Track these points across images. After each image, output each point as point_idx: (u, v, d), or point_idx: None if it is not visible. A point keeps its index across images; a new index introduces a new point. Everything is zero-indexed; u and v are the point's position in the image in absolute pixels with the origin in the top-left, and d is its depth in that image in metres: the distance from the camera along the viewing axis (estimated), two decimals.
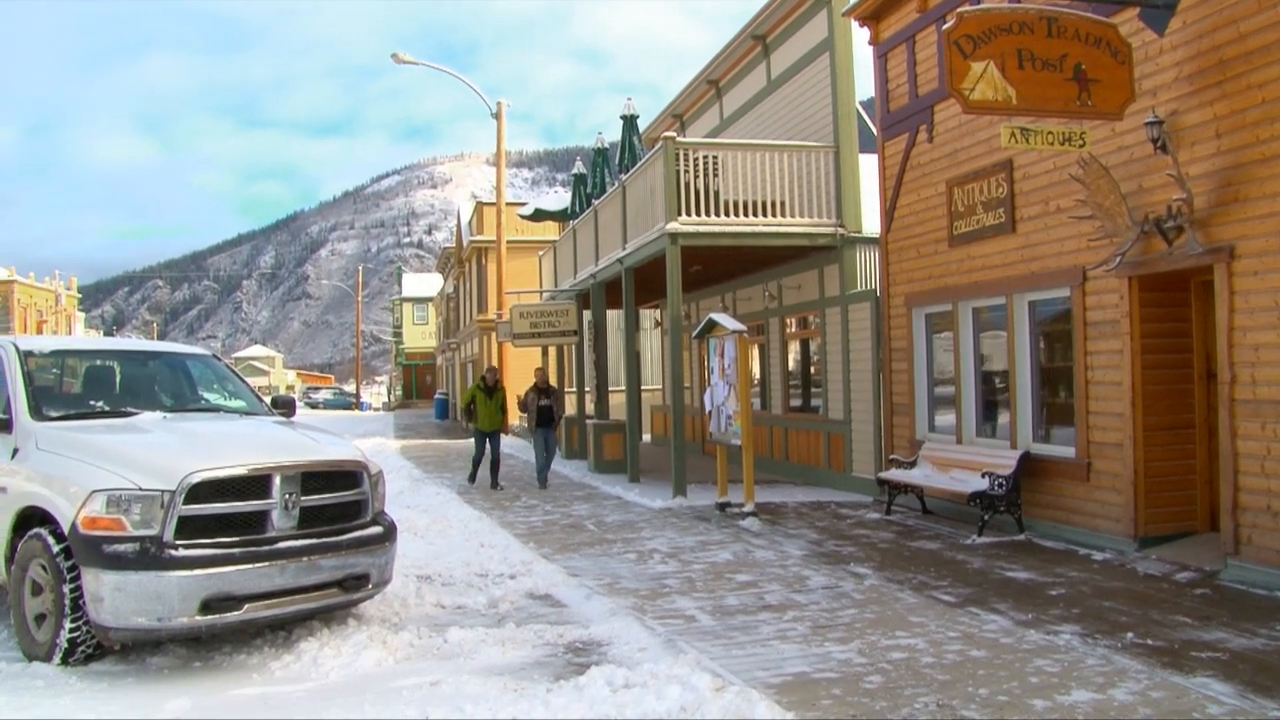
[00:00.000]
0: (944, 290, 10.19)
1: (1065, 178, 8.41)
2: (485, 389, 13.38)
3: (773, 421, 14.66)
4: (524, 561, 7.88)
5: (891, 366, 11.27)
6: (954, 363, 10.13)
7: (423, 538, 9.14)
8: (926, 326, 10.76)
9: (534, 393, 13.68)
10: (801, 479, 13.47)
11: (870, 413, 11.76)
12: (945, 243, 10.18)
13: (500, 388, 13.51)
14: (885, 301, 11.35)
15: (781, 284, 14.19)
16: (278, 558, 5.14)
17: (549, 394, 13.66)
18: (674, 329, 12.05)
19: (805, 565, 7.66)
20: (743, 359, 10.26)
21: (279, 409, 6.96)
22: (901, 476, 10.05)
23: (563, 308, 17.73)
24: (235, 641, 5.55)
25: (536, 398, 13.61)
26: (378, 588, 5.81)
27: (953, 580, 7.03)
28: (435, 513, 10.77)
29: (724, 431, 10.75)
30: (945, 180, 10.12)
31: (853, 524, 9.75)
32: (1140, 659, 5.12)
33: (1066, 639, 5.52)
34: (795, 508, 10.94)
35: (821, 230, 12.21)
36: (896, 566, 7.56)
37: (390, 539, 5.85)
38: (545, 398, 13.58)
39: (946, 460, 9.80)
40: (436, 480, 14.88)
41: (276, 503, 5.21)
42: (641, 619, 6.02)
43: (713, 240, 11.98)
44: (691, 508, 11.06)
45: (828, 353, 12.86)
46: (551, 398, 13.67)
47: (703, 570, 7.55)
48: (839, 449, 12.60)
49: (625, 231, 14.04)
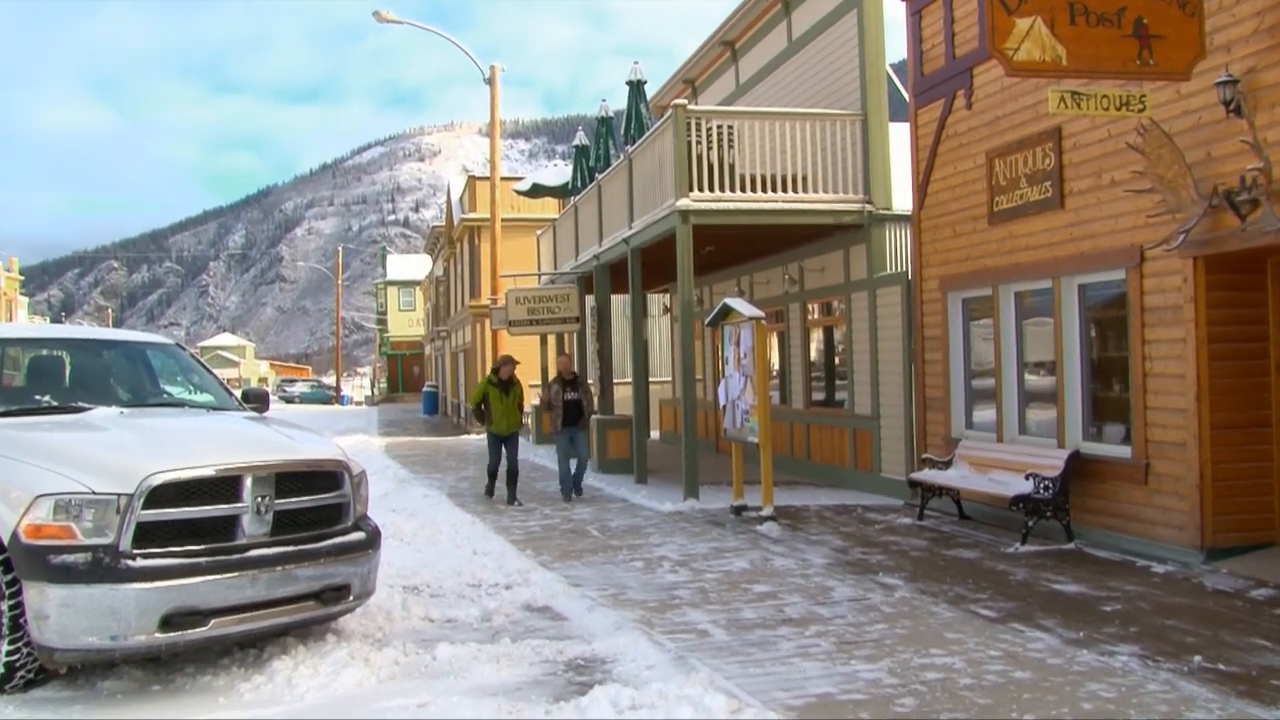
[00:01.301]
0: (983, 273, 10.13)
1: (1121, 146, 8.29)
2: (499, 384, 12.24)
3: (793, 417, 14.66)
4: (521, 570, 7.87)
5: (924, 357, 11.25)
6: (994, 353, 10.08)
7: (410, 544, 9.14)
8: (963, 313, 10.73)
9: (558, 385, 12.54)
10: (825, 480, 13.46)
11: (901, 408, 11.74)
12: (985, 220, 10.12)
13: (516, 382, 12.36)
14: (918, 285, 11.33)
15: (803, 266, 14.14)
16: (248, 567, 5.10)
17: (576, 386, 12.54)
18: (685, 315, 12.01)
19: (829, 575, 7.65)
20: (760, 348, 10.25)
21: (250, 403, 6.92)
22: (935, 478, 10.03)
23: (563, 292, 17.72)
24: (200, 661, 5.48)
25: (561, 391, 12.46)
26: (360, 600, 5.79)
27: (993, 593, 6.97)
28: (423, 517, 10.77)
29: (740, 428, 10.76)
30: (985, 151, 10.05)
31: (881, 530, 9.74)
32: (1211, 686, 5.02)
33: (1124, 661, 5.43)
34: (818, 511, 10.95)
35: (847, 207, 12.17)
36: (930, 577, 7.52)
37: (374, 546, 5.83)
38: (571, 391, 12.45)
39: (986, 460, 9.76)
40: (425, 481, 14.90)
41: (247, 507, 5.20)
42: (649, 633, 6.01)
43: (728, 218, 11.97)
44: (704, 511, 11.06)
45: (854, 341, 12.84)
46: (579, 391, 12.53)
47: (716, 580, 7.56)
48: (866, 447, 12.58)
49: (632, 209, 14.02)
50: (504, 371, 12.28)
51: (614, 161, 16.08)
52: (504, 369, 12.26)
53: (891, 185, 12.22)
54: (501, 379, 12.26)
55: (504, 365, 12.28)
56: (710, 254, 14.73)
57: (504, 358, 12.45)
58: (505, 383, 12.25)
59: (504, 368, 12.27)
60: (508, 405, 12.19)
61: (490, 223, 24.30)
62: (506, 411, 12.21)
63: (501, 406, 12.18)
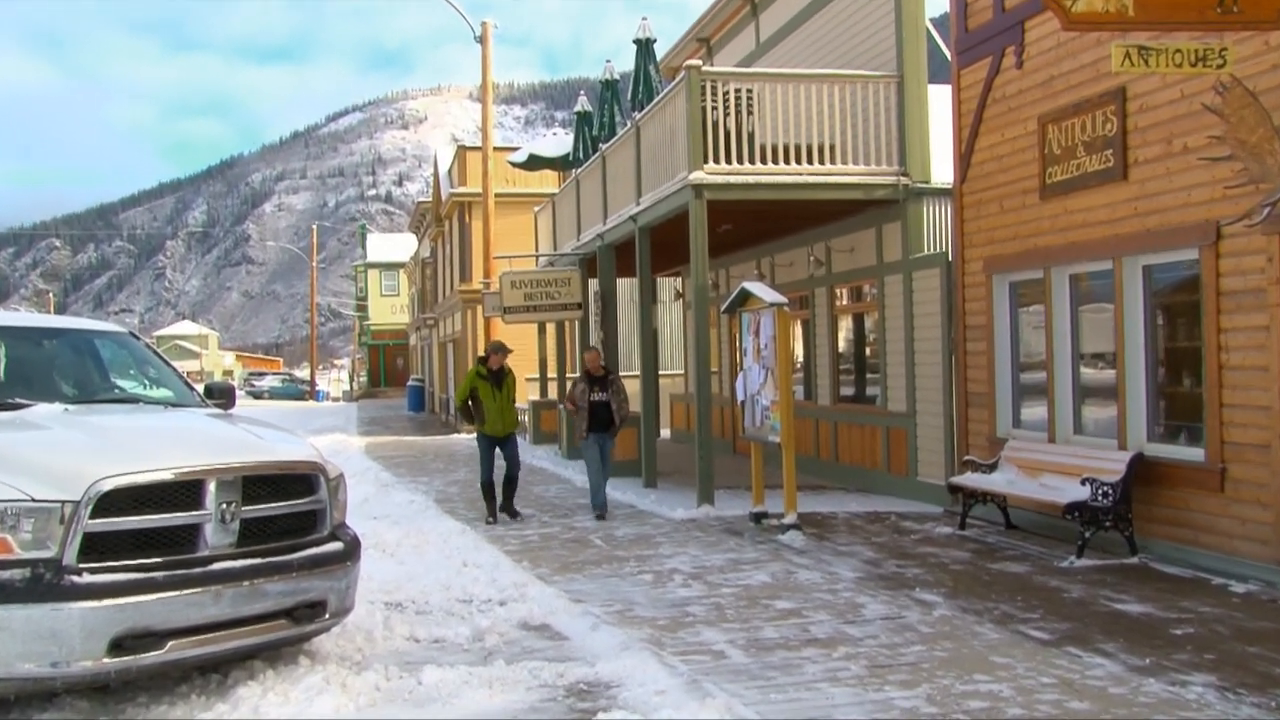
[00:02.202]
0: (1033, 253, 10.08)
1: (1196, 108, 8.16)
2: (489, 376, 11.39)
3: (819, 414, 14.62)
4: (517, 584, 7.89)
5: (966, 347, 11.22)
6: (1045, 342, 10.02)
7: (393, 556, 9.17)
8: (1011, 298, 10.68)
9: (584, 383, 11.68)
10: (854, 484, 13.47)
11: (939, 404, 11.73)
12: (1036, 194, 10.05)
13: (509, 372, 11.54)
14: (959, 267, 11.29)
15: (831, 246, 14.11)
16: (211, 582, 5.08)
17: (606, 385, 11.61)
18: (699, 302, 12.01)
19: (860, 590, 7.64)
20: (782, 338, 10.23)
21: (214, 399, 6.93)
22: (979, 482, 10.02)
23: (563, 275, 17.75)
24: (154, 690, 5.39)
25: (589, 389, 11.58)
26: (336, 617, 5.78)
27: (1045, 612, 6.93)
28: (408, 525, 10.81)
29: (759, 426, 10.75)
30: (1037, 115, 9.98)
31: (918, 540, 9.74)
32: None
33: (1199, 692, 5.35)
34: (847, 519, 10.97)
35: (880, 180, 12.15)
36: (973, 593, 7.49)
37: (352, 558, 5.84)
38: (600, 390, 11.55)
39: (1035, 463, 9.72)
40: (410, 485, 14.96)
41: (210, 514, 5.18)
42: (659, 654, 6.02)
43: (747, 193, 11.95)
44: (720, 519, 11.10)
45: (887, 330, 12.80)
46: (610, 390, 11.59)
47: (734, 595, 7.58)
48: (901, 448, 12.54)
49: (640, 183, 14.00)
50: (494, 361, 11.42)
51: (620, 130, 16.04)
52: (494, 358, 11.43)
53: (930, 155, 12.21)
54: (491, 370, 11.40)
55: (494, 353, 11.46)
56: (727, 233, 14.71)
57: (494, 344, 11.73)
58: (496, 374, 11.39)
59: (494, 356, 11.43)
60: (503, 401, 11.38)
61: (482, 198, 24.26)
62: (502, 408, 11.37)
63: (494, 403, 11.35)
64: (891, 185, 12.14)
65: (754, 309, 10.79)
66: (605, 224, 15.72)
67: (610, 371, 11.88)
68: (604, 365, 11.91)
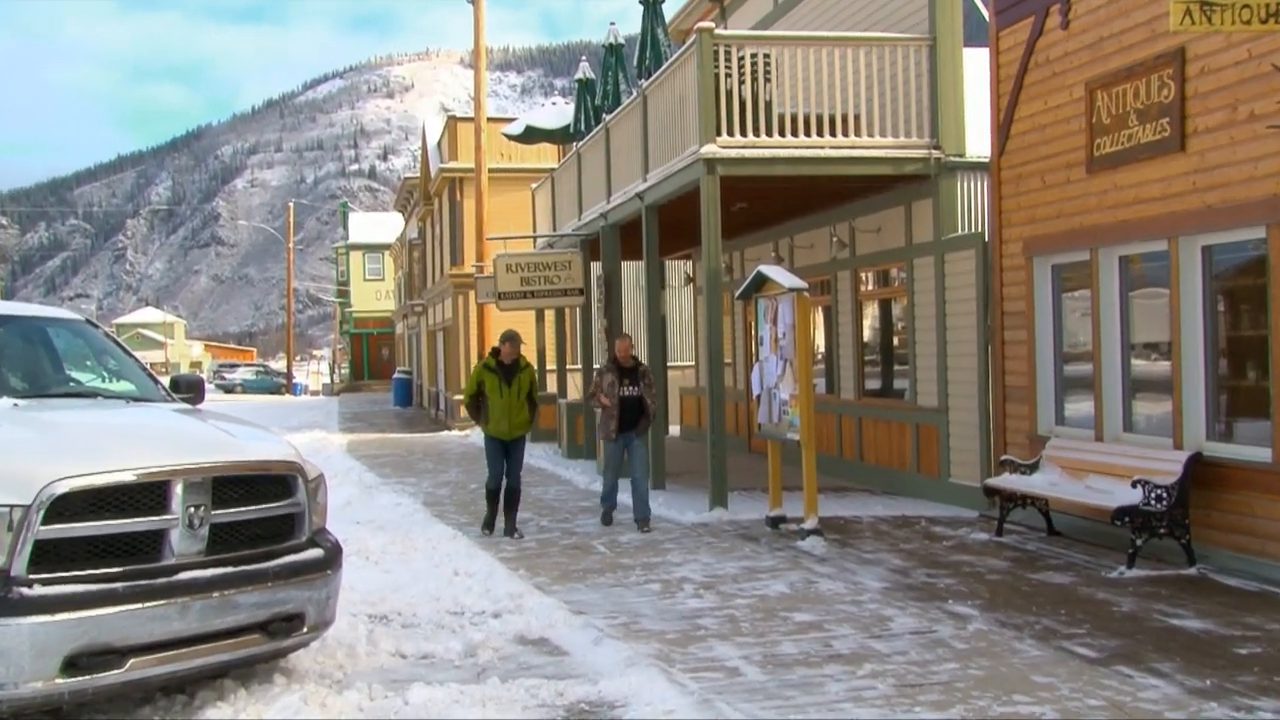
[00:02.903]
0: (1079, 232, 10.04)
1: (1265, 70, 8.08)
2: (499, 369, 10.83)
3: (843, 409, 14.61)
4: (512, 594, 7.90)
5: (1004, 336, 11.20)
6: (1091, 331, 10.00)
7: (377, 564, 9.21)
8: (1054, 282, 10.67)
9: (612, 375, 11.08)
10: (881, 486, 13.49)
11: (974, 399, 11.73)
12: (1082, 167, 10.01)
13: (524, 366, 10.96)
14: (997, 248, 11.28)
15: (855, 226, 14.09)
16: (177, 594, 5.07)
17: (637, 378, 11.05)
18: (711, 287, 12.02)
19: (887, 602, 7.66)
20: (802, 326, 10.24)
21: (181, 393, 6.93)
22: (1018, 484, 10.02)
23: (563, 258, 17.76)
24: (113, 713, 5.36)
25: (617, 383, 11.00)
26: (316, 631, 5.79)
27: (1092, 627, 6.92)
28: (394, 530, 10.88)
29: (777, 423, 10.76)
30: (1084, 81, 9.94)
31: (951, 547, 9.76)
32: None
33: (1266, 719, 5.31)
34: (872, 524, 11.00)
35: (910, 153, 12.14)
36: (1012, 606, 7.48)
37: (333, 566, 5.85)
38: (630, 384, 10.98)
39: (1081, 463, 9.71)
40: (396, 487, 15.00)
41: (177, 519, 5.17)
42: (668, 671, 6.05)
43: (763, 168, 11.95)
44: (734, 523, 11.13)
45: (917, 318, 12.81)
46: (641, 383, 11.05)
47: (749, 606, 7.60)
48: (931, 447, 12.53)
49: (646, 157, 14.00)
50: (506, 352, 10.84)
51: (625, 99, 15.99)
52: (506, 348, 10.85)
53: (965, 126, 12.19)
54: (503, 363, 10.85)
55: (506, 343, 10.87)
56: (742, 212, 14.70)
57: (507, 334, 11.05)
58: (508, 368, 10.82)
59: (506, 346, 10.85)
60: (511, 399, 10.75)
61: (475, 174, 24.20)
62: (510, 407, 10.74)
63: (503, 401, 10.72)
64: (922, 159, 12.11)
65: (771, 294, 10.77)
66: (609, 202, 15.72)
67: (640, 364, 11.31)
68: (634, 356, 11.31)
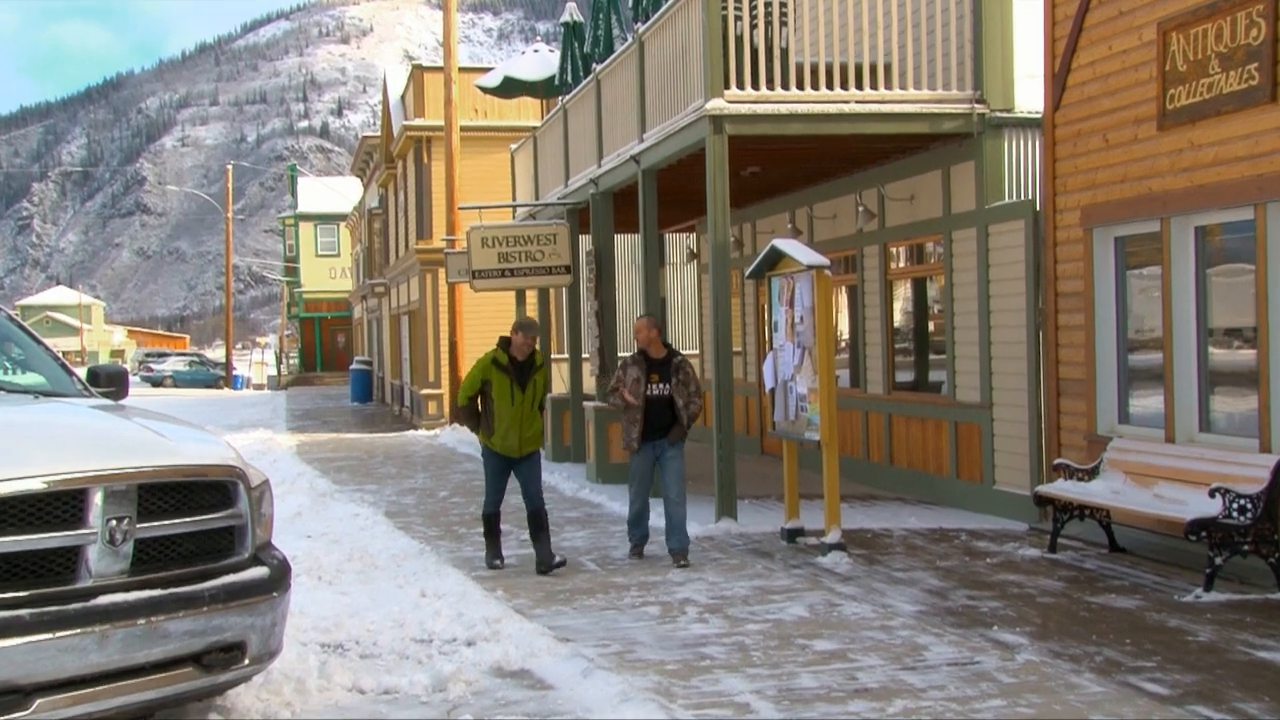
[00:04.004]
0: (1148, 199, 10.00)
1: None
2: (510, 367, 9.81)
3: (869, 405, 14.63)
4: (489, 619, 7.89)
5: (1058, 320, 11.20)
6: (1162, 314, 9.98)
7: (332, 585, 9.24)
8: (1117, 257, 10.65)
9: (638, 368, 10.16)
10: (914, 493, 13.51)
11: (1023, 393, 11.74)
12: (1152, 122, 9.96)
13: (540, 364, 10.03)
14: (1050, 218, 11.28)
15: (885, 193, 14.07)
16: (95, 621, 5.03)
17: (668, 371, 10.12)
18: (718, 264, 12.02)
19: (921, 628, 7.65)
20: (823, 309, 10.21)
21: (100, 387, 6.91)
22: (1074, 492, 10.02)
23: (547, 231, 17.74)
24: None
25: (643, 378, 10.09)
26: (259, 663, 5.78)
27: (1163, 659, 6.88)
28: (351, 544, 10.91)
29: (794, 421, 10.74)
30: (1156, 21, 9.88)
31: (996, 565, 9.75)
32: None
33: None
34: (904, 538, 11.03)
35: (950, 108, 12.11)
36: (1068, 634, 7.46)
37: (280, 587, 5.85)
38: (660, 380, 10.07)
39: (1149, 468, 9.70)
40: (354, 495, 15.06)
41: (96, 534, 5.13)
42: (668, 708, 6.05)
43: (779, 126, 11.93)
44: (744, 536, 11.14)
45: (956, 300, 12.81)
46: (672, 379, 10.10)
47: (762, 633, 7.61)
48: (973, 449, 12.55)
49: (644, 114, 13.97)
50: (520, 345, 9.82)
51: (619, 46, 15.90)
52: (520, 339, 9.82)
53: (1014, 76, 12.18)
54: (515, 359, 9.81)
55: (520, 333, 9.86)
56: (754, 177, 14.68)
57: (521, 322, 10.16)
58: (522, 365, 9.82)
59: (520, 337, 9.83)
60: (525, 406, 9.80)
61: (445, 132, 24.09)
62: (523, 416, 9.79)
63: (514, 409, 9.74)
64: (964, 115, 12.08)
65: (787, 273, 10.74)
66: (600, 166, 15.70)
67: (673, 352, 10.32)
68: (665, 344, 10.35)
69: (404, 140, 31.06)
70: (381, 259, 39.92)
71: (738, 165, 12.92)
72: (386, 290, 38.79)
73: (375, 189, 41.59)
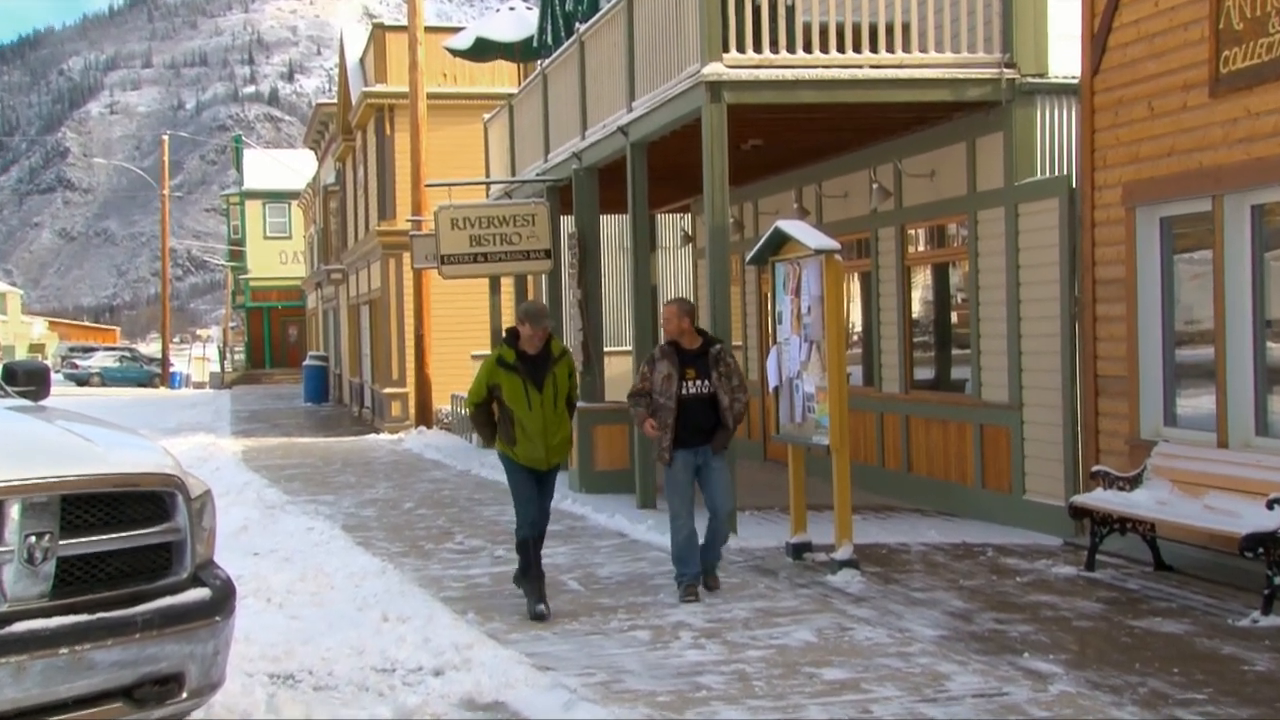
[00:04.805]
0: (1199, 174, 10.00)
1: None
2: (522, 365, 9.16)
3: (885, 406, 14.68)
4: (459, 645, 7.88)
5: (1096, 311, 11.23)
6: (1214, 304, 9.96)
7: (282, 607, 9.21)
8: (1163, 239, 10.68)
9: (668, 362, 9.58)
10: (934, 504, 13.55)
11: (1057, 392, 11.77)
12: (1204, 88, 9.93)
13: (559, 356, 9.33)
14: (1088, 197, 11.29)
15: (902, 169, 14.09)
16: (11, 651, 4.98)
17: (707, 365, 9.59)
18: (715, 248, 12.07)
19: (943, 655, 7.63)
20: (833, 298, 10.22)
21: (17, 385, 6.91)
22: (1115, 503, 10.02)
23: (525, 211, 17.78)
24: None
25: (677, 375, 9.50)
26: (199, 697, 5.76)
27: (1216, 691, 6.86)
28: (304, 562, 10.84)
29: (800, 423, 10.76)
30: None
31: (1027, 584, 9.74)
32: None
33: None
34: (924, 554, 11.04)
35: (976, 73, 12.15)
36: (1107, 662, 7.46)
37: (223, 611, 5.83)
38: (698, 376, 9.53)
39: (1199, 476, 9.69)
40: (307, 507, 15.03)
41: (12, 551, 5.10)
42: None
43: (784, 94, 11.97)
44: (744, 552, 11.10)
45: (982, 288, 12.85)
46: (712, 372, 9.55)
47: (764, 660, 7.60)
48: (1001, 455, 12.58)
49: (632, 81, 13.97)
50: (529, 337, 9.16)
51: (604, 4, 15.83)
52: (528, 332, 9.15)
53: (1048, 36, 12.22)
54: (525, 353, 9.17)
55: (528, 322, 9.17)
56: (756, 151, 14.70)
57: (529, 310, 9.39)
58: (535, 361, 9.16)
59: (528, 328, 9.15)
60: (547, 408, 9.17)
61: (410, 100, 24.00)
62: (547, 421, 9.16)
63: (532, 414, 9.12)
64: (991, 80, 12.10)
65: (793, 258, 10.74)
66: (584, 139, 15.70)
67: (711, 340, 9.84)
68: (701, 333, 9.89)
69: (364, 109, 31.03)
70: (339, 242, 39.86)
71: (738, 138, 12.91)
72: (344, 277, 38.76)
73: (331, 163, 41.55)
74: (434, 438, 23.90)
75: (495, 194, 20.72)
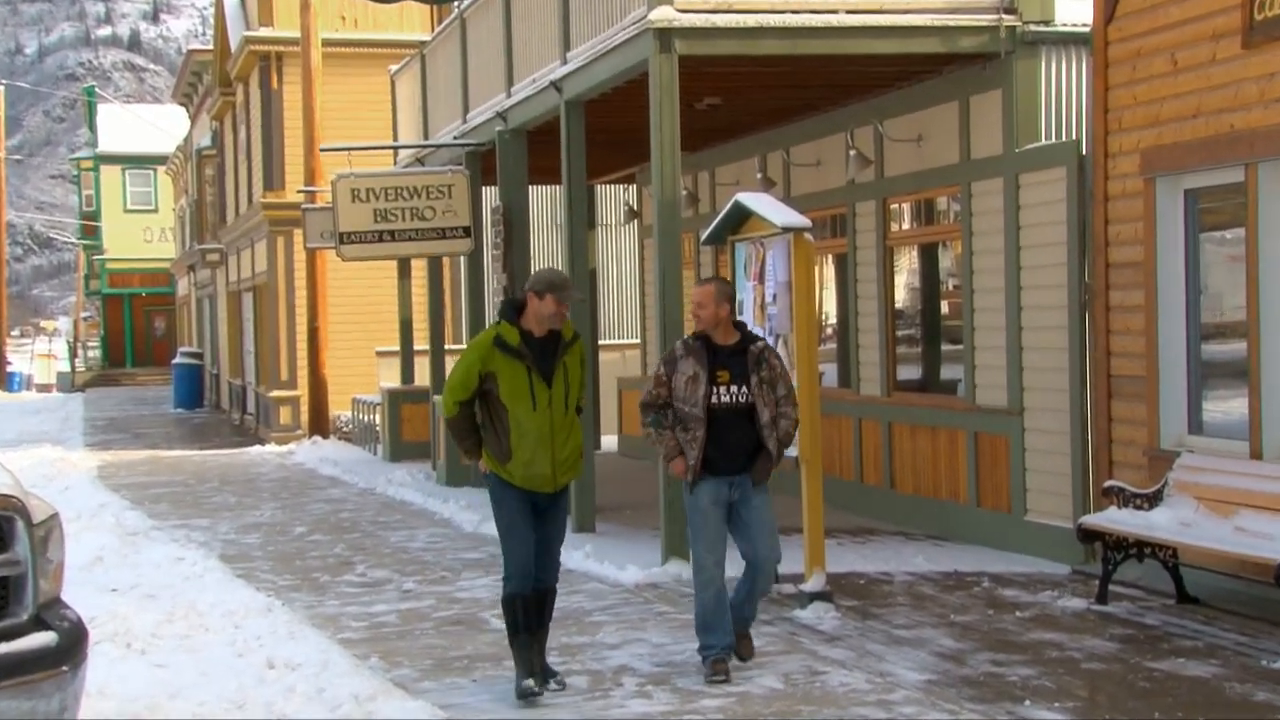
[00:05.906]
0: (1230, 139, 10.06)
1: None
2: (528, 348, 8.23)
3: (864, 410, 14.77)
4: (359, 697, 7.86)
5: (1110, 300, 11.30)
6: (1246, 291, 10.03)
7: (144, 653, 9.16)
8: (1188, 215, 10.73)
9: (693, 357, 8.60)
10: (921, 526, 13.63)
11: (1063, 394, 11.85)
12: (1236, 38, 9.97)
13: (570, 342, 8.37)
14: (1100, 165, 11.38)
15: (884, 132, 14.17)
16: None
17: (747, 365, 8.62)
18: (665, 225, 12.14)
19: (931, 703, 7.68)
20: (803, 285, 10.27)
21: None
22: (1132, 524, 10.05)
23: (440, 181, 17.88)
24: None
25: (705, 374, 8.55)
26: None
27: None
28: (173, 599, 10.82)
29: None
30: None
31: (1029, 620, 9.79)
32: None
33: None
34: (909, 585, 11.13)
35: (970, 19, 12.23)
36: (1123, 709, 7.53)
37: (71, 659, 5.82)
38: (731, 379, 8.58)
39: (1229, 493, 9.73)
40: (177, 533, 15.02)
41: None
42: None
43: (745, 44, 12.06)
44: None
45: (977, 272, 12.95)
46: (751, 377, 8.59)
47: (721, 711, 7.65)
48: (998, 467, 12.66)
49: (567, 26, 14.04)
50: (546, 315, 8.28)
51: None
52: (550, 303, 8.23)
53: None
54: (531, 334, 8.29)
55: (550, 293, 8.25)
56: (712, 111, 14.77)
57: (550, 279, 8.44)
58: (544, 344, 8.33)
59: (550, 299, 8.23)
60: (556, 409, 8.33)
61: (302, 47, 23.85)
62: (555, 425, 8.33)
63: (537, 415, 8.25)
64: (988, 29, 12.17)
65: (756, 237, 10.79)
66: (510, 96, 15.75)
67: (749, 334, 9.01)
68: (738, 322, 9.04)
69: (245, 57, 30.81)
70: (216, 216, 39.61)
71: (691, 95, 12.93)
72: (223, 258, 38.48)
73: (207, 122, 41.25)
74: (331, 450, 23.78)
75: (404, 160, 20.65)
